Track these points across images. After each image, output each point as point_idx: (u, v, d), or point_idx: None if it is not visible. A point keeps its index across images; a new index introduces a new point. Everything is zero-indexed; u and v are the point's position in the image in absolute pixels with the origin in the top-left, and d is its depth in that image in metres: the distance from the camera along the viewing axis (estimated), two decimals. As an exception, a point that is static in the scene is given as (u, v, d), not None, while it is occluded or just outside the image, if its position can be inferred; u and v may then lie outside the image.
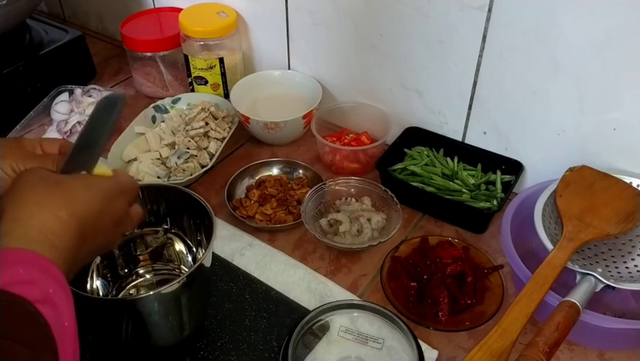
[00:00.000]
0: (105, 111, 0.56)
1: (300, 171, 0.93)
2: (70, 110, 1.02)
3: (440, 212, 0.87)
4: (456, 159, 0.92)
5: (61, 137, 0.98)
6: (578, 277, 0.65)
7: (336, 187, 0.88)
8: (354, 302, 0.70)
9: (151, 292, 0.60)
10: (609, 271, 0.67)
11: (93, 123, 0.55)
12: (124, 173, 0.54)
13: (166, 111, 1.03)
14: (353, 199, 0.88)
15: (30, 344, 0.36)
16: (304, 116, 0.96)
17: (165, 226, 0.72)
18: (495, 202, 0.84)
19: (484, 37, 0.80)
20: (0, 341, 0.35)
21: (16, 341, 0.36)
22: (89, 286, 0.68)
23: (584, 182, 0.75)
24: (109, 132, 0.55)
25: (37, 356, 0.36)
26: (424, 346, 0.67)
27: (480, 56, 0.82)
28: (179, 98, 1.04)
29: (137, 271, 0.74)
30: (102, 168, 0.52)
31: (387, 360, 0.65)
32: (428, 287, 0.73)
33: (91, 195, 0.47)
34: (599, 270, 0.65)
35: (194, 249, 0.72)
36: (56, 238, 0.43)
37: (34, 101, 1.02)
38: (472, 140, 0.92)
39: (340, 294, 0.74)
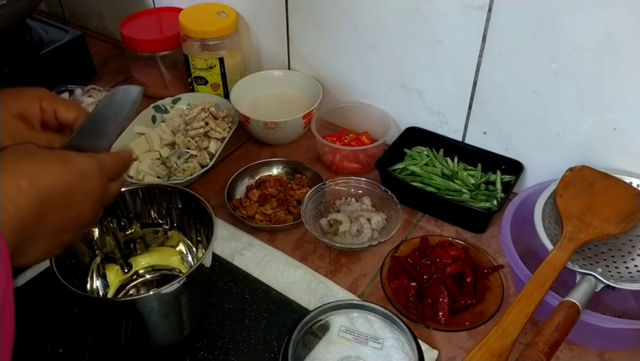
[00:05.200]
0: (118, 101, 0.54)
1: (300, 171, 0.93)
2: (70, 110, 1.02)
3: (440, 212, 0.87)
4: (456, 159, 0.92)
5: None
6: (578, 277, 0.65)
7: (336, 187, 0.88)
8: (354, 302, 0.70)
9: (151, 292, 0.60)
10: (609, 271, 0.67)
11: (104, 111, 0.53)
12: (109, 152, 0.53)
13: (166, 111, 1.03)
14: (353, 199, 0.88)
15: None
16: (304, 116, 0.96)
17: (165, 226, 0.72)
18: (495, 202, 0.84)
19: (484, 37, 0.80)
20: None
21: None
22: (88, 286, 0.68)
23: (584, 182, 0.75)
24: (120, 123, 0.53)
25: None
26: (424, 346, 0.67)
27: (480, 56, 0.82)
28: (179, 98, 1.04)
29: (137, 271, 0.74)
30: None
31: (387, 360, 0.65)
32: (428, 287, 0.73)
33: (61, 169, 0.46)
34: (599, 270, 0.65)
35: (194, 249, 0.72)
36: (10, 205, 0.42)
37: (35, 101, 1.02)
38: (472, 140, 0.92)
39: (340, 294, 0.74)
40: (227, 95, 1.07)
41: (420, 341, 0.65)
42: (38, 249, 0.46)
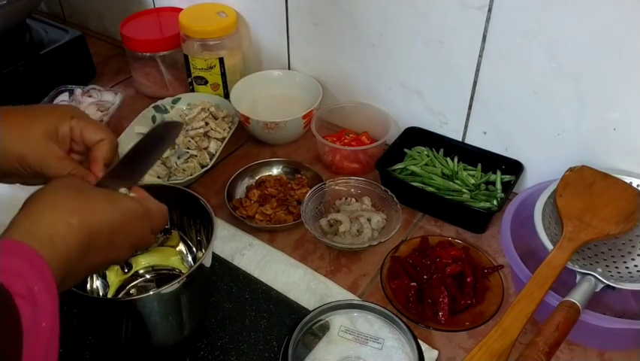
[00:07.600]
0: (161, 135, 0.56)
1: (300, 171, 0.93)
2: (70, 110, 1.02)
3: (440, 212, 0.87)
4: (456, 159, 0.92)
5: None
6: (578, 277, 0.65)
7: (336, 187, 0.88)
8: (354, 302, 0.70)
9: (151, 292, 0.60)
10: (609, 271, 0.67)
11: (145, 144, 0.55)
12: (154, 200, 0.54)
13: (166, 111, 1.03)
14: (353, 199, 0.88)
15: None
16: (304, 116, 0.96)
17: (165, 226, 0.72)
18: (495, 202, 0.84)
19: (484, 37, 0.80)
20: None
21: None
22: (89, 286, 0.68)
23: (584, 182, 0.75)
24: (158, 156, 0.56)
25: None
26: (424, 346, 0.67)
27: (480, 56, 0.82)
28: (179, 98, 1.04)
29: (137, 271, 0.74)
30: None
31: (387, 360, 0.65)
32: (428, 287, 0.73)
33: (110, 210, 0.47)
34: (599, 270, 0.65)
35: (194, 249, 0.72)
36: (60, 241, 0.43)
37: (34, 101, 1.02)
38: (472, 140, 0.92)
39: (340, 294, 0.74)
40: (227, 95, 1.07)
41: (420, 341, 0.65)
42: (69, 283, 0.46)
